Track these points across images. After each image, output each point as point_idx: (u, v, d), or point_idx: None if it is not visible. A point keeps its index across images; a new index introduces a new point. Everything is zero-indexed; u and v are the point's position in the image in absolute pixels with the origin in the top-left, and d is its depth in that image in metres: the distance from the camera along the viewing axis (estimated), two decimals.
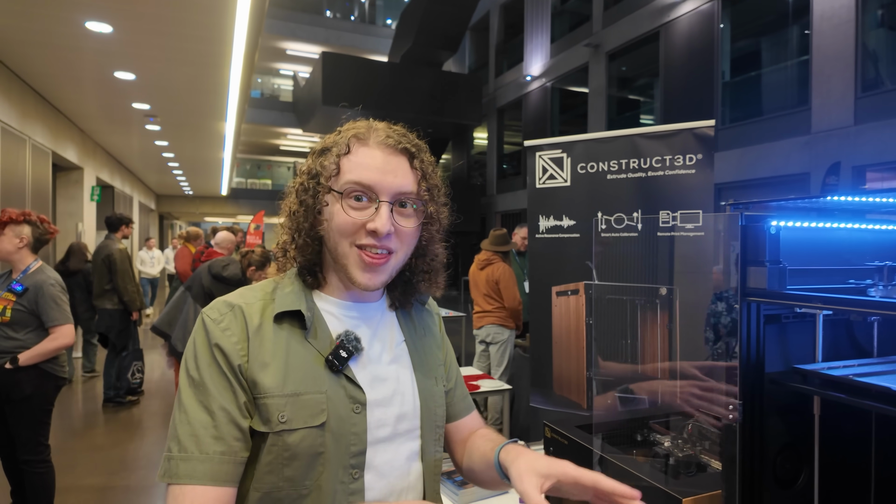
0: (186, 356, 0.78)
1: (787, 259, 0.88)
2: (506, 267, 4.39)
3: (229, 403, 0.75)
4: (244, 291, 0.84)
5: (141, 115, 7.75)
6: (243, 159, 24.31)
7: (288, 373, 0.77)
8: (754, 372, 0.88)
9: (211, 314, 0.79)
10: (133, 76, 6.03)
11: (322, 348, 0.80)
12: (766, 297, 0.82)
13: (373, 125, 0.84)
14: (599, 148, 2.49)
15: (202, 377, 0.76)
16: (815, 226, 0.91)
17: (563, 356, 2.66)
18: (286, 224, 0.85)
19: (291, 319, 0.80)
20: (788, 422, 0.93)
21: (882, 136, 6.95)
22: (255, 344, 0.77)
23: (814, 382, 0.86)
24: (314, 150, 0.85)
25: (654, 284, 2.07)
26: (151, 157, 11.64)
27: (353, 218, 0.78)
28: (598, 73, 12.04)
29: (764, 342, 0.90)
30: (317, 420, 0.76)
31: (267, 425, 0.75)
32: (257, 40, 5.52)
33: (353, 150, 0.81)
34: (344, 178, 0.79)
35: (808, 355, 0.95)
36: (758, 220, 0.88)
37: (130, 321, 5.23)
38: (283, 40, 18.48)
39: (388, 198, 0.79)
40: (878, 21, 7.44)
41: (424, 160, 0.85)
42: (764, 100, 8.93)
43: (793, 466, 0.94)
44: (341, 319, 0.84)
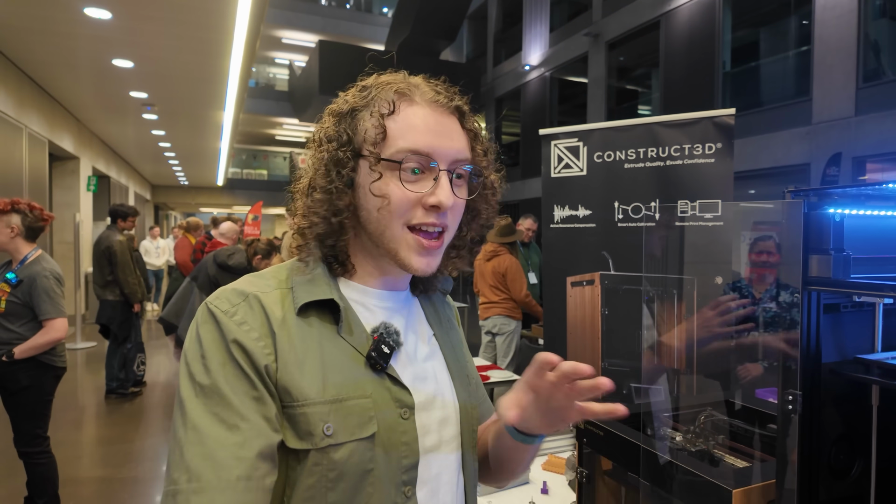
0: (188, 359, 0.64)
1: (847, 248, 0.87)
2: (512, 259, 4.38)
3: (254, 412, 0.60)
4: (253, 279, 0.70)
5: (138, 103, 7.65)
6: (239, 149, 24.11)
7: (326, 374, 0.64)
8: (813, 362, 0.87)
9: (220, 305, 0.65)
10: (131, 64, 5.94)
11: (359, 344, 0.68)
12: (832, 285, 0.80)
13: (411, 79, 0.72)
14: (617, 136, 2.47)
15: (215, 381, 0.61)
16: (877, 214, 0.90)
17: (577, 347, 2.65)
18: (311, 204, 0.69)
19: (319, 311, 0.68)
20: (843, 412, 0.92)
21: (882, 128, 6.95)
22: (282, 340, 0.64)
23: (875, 372, 0.85)
24: (336, 112, 0.71)
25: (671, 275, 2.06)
26: (148, 146, 11.52)
27: (413, 193, 0.66)
28: (598, 63, 11.98)
29: (822, 332, 0.89)
30: (366, 430, 0.64)
31: (308, 440, 0.62)
32: (259, 28, 5.45)
33: (399, 110, 0.68)
34: (394, 144, 0.66)
35: (863, 345, 0.93)
36: (818, 206, 0.86)
37: (132, 313, 5.19)
38: (279, 28, 18.27)
39: (446, 166, 0.68)
40: (879, 11, 7.42)
41: (474, 119, 0.75)
42: (764, 90, 8.92)
43: (847, 457, 0.93)
44: (373, 311, 0.72)
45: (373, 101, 0.69)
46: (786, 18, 8.66)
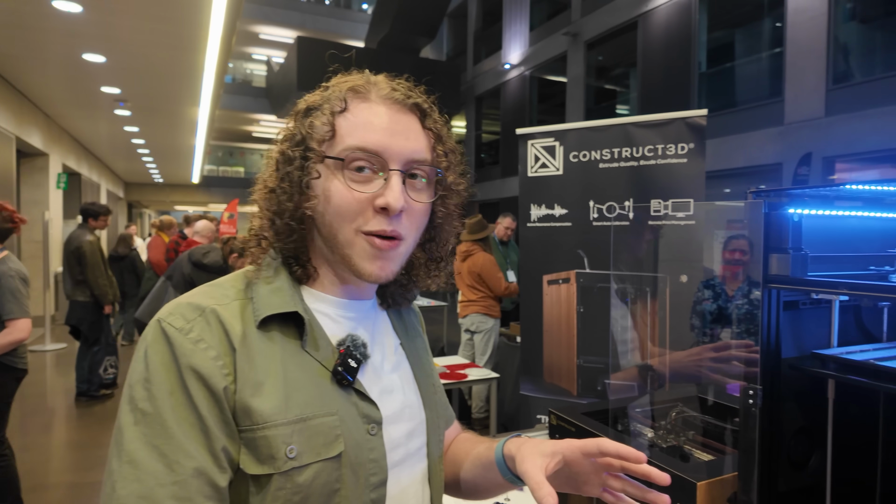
0: (131, 381, 0.58)
1: (806, 247, 0.89)
2: (486, 256, 4.40)
3: (201, 447, 0.56)
4: (209, 290, 0.65)
5: (111, 99, 7.48)
6: (215, 146, 23.74)
7: (289, 393, 0.60)
8: (773, 358, 0.89)
9: (173, 321, 0.59)
10: (103, 58, 5.81)
11: (324, 359, 0.64)
12: (790, 283, 0.83)
13: (370, 77, 0.69)
14: (592, 136, 2.50)
15: (159, 411, 0.56)
16: (833, 214, 0.92)
17: (553, 344, 2.68)
18: (263, 205, 0.67)
19: (281, 324, 0.64)
20: (802, 406, 0.95)
21: (851, 128, 7.15)
22: (241, 358, 0.59)
23: (831, 367, 0.88)
24: (297, 111, 0.68)
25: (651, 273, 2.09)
26: (120, 143, 11.27)
27: (359, 193, 0.63)
28: (577, 62, 12.08)
29: (781, 329, 0.91)
30: (332, 450, 0.61)
31: (270, 464, 0.58)
32: (235, 23, 5.37)
33: (351, 107, 0.65)
34: (342, 142, 0.63)
35: (821, 341, 0.96)
36: (778, 206, 0.89)
37: (102, 314, 5.07)
38: (257, 24, 18.03)
39: (399, 166, 0.64)
40: (849, 15, 7.62)
41: (437, 119, 0.71)
42: (739, 91, 9.10)
43: (805, 449, 0.96)
44: (338, 322, 0.69)
45: (328, 99, 0.66)
46: (759, 20, 8.84)
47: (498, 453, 0.73)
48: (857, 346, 0.90)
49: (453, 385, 3.39)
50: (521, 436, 0.76)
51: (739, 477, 0.95)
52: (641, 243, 1.79)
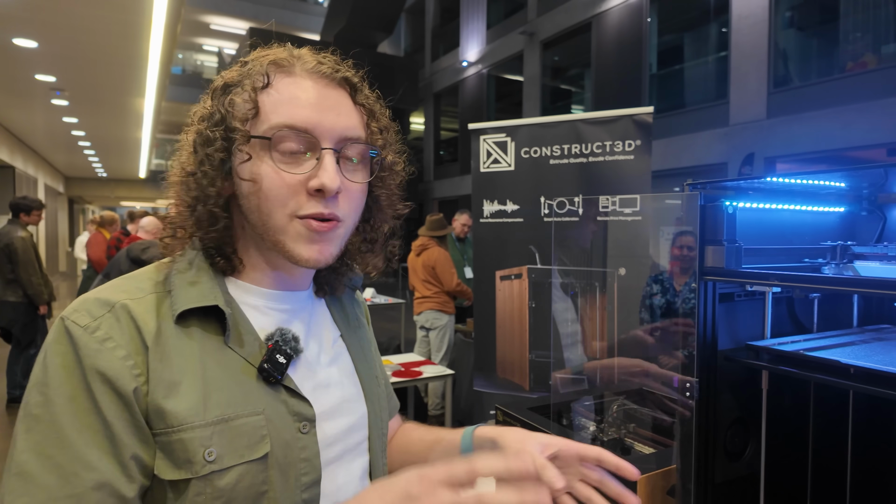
0: (33, 382, 0.53)
1: (740, 239, 0.90)
2: (441, 251, 4.39)
3: (104, 457, 0.52)
4: (122, 282, 0.60)
5: (46, 87, 7.06)
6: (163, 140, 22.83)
7: (208, 392, 0.56)
8: (710, 350, 0.90)
9: (78, 319, 0.54)
10: (35, 44, 5.46)
11: (250, 355, 0.60)
12: (725, 275, 0.83)
13: (294, 50, 0.64)
14: (543, 132, 2.51)
15: (55, 417, 0.51)
16: (766, 207, 0.94)
17: (506, 339, 2.68)
18: (180, 191, 0.62)
19: (201, 318, 0.59)
20: (737, 397, 0.96)
21: (790, 130, 7.50)
22: (154, 356, 0.55)
23: (764, 358, 0.89)
24: (213, 88, 0.63)
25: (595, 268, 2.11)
26: (59, 135, 10.67)
27: (290, 175, 0.59)
28: (533, 62, 12.22)
29: (717, 321, 0.92)
30: (257, 451, 0.57)
31: (187, 469, 0.54)
32: (180, 10, 5.15)
33: (275, 83, 0.60)
34: (267, 120, 0.59)
35: (755, 332, 0.98)
36: (714, 199, 0.89)
37: (37, 315, 4.78)
38: (207, 14, 17.41)
39: (332, 144, 0.60)
40: (787, 22, 7.99)
41: (368, 94, 0.66)
42: (687, 92, 9.40)
43: (741, 439, 0.97)
44: (268, 314, 0.65)
45: (248, 75, 0.61)
46: (706, 25, 9.16)
47: (466, 436, 0.73)
48: (789, 337, 0.91)
49: (409, 383, 3.35)
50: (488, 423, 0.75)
51: (678, 469, 0.96)
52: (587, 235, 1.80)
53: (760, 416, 0.93)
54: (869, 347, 0.87)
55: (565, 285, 1.66)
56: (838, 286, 0.72)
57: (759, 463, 0.95)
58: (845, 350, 0.86)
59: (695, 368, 0.88)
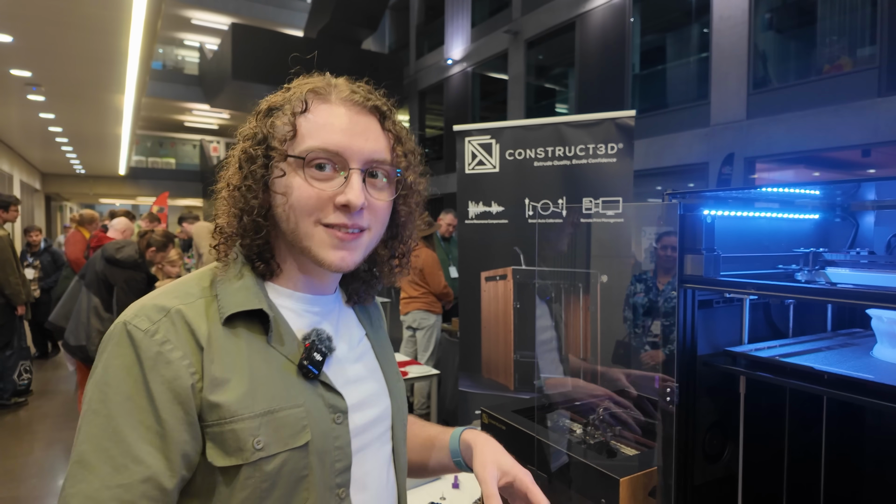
0: (94, 381, 0.60)
1: (718, 246, 0.92)
2: (429, 252, 4.39)
3: (152, 452, 0.58)
4: (174, 288, 0.67)
5: (21, 82, 6.90)
6: (143, 136, 22.45)
7: (255, 387, 0.63)
8: (689, 355, 0.92)
9: (139, 323, 0.61)
10: (9, 38, 5.33)
11: (290, 353, 0.67)
12: (704, 283, 0.85)
13: (331, 79, 0.71)
14: (527, 135, 2.52)
15: (112, 414, 0.58)
16: (743, 215, 0.96)
17: (491, 340, 2.70)
18: (229, 202, 0.69)
19: (247, 320, 0.66)
20: (716, 401, 0.98)
21: (769, 131, 7.64)
22: (207, 356, 0.62)
23: (742, 364, 0.91)
24: (258, 111, 0.70)
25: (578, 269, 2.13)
26: (35, 130, 10.44)
27: (319, 190, 0.65)
28: (518, 61, 12.25)
29: (697, 327, 0.94)
30: (299, 440, 0.64)
31: (239, 455, 0.61)
32: (160, 5, 5.06)
33: (312, 108, 0.67)
34: (304, 142, 0.66)
35: (733, 337, 1.00)
36: (693, 208, 0.91)
37: (14, 316, 4.68)
38: (188, 8, 17.13)
39: (359, 165, 0.67)
40: (767, 24, 8.12)
41: (397, 121, 0.73)
42: (670, 93, 9.51)
43: (719, 442, 1.00)
44: (303, 316, 0.72)
45: (289, 100, 0.68)
46: (688, 25, 9.27)
47: (454, 440, 0.82)
48: (766, 343, 0.94)
49: None
50: (478, 428, 0.85)
51: (658, 471, 0.98)
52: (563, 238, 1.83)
53: (738, 419, 0.95)
54: (840, 353, 0.89)
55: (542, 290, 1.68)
56: (813, 296, 0.74)
57: (737, 465, 0.97)
58: (819, 355, 0.89)
59: (674, 373, 0.90)
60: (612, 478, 1.04)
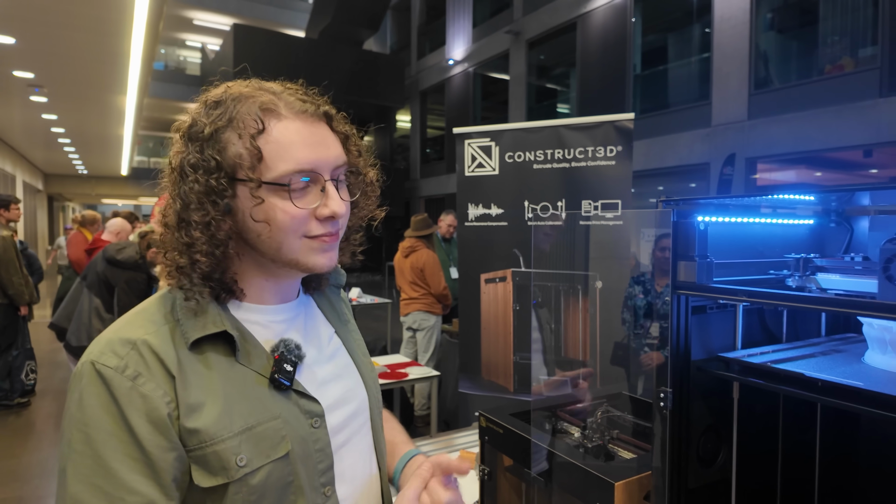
0: (71, 422, 0.60)
1: (712, 252, 0.93)
2: (430, 253, 4.40)
3: (145, 482, 0.59)
4: (134, 318, 0.66)
5: (24, 84, 6.93)
6: (146, 136, 22.49)
7: (230, 407, 0.63)
8: (682, 360, 0.93)
9: (107, 361, 0.60)
10: (12, 40, 5.36)
11: (260, 367, 0.67)
12: (696, 290, 0.86)
13: (266, 87, 0.69)
14: (527, 137, 2.53)
15: (98, 452, 0.58)
16: (737, 221, 0.97)
17: (491, 342, 2.71)
18: (190, 241, 0.64)
19: (212, 342, 0.65)
20: (710, 405, 0.99)
21: (770, 131, 7.63)
22: (180, 383, 0.62)
23: (734, 369, 0.92)
24: (195, 135, 0.65)
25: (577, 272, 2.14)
26: (38, 131, 10.48)
27: (305, 209, 0.66)
28: (519, 61, 12.26)
29: (690, 332, 0.95)
30: (280, 450, 0.65)
31: (224, 474, 0.62)
32: (162, 6, 5.09)
33: (269, 128, 0.64)
34: (276, 166, 0.64)
35: (727, 342, 1.01)
36: (686, 215, 0.92)
37: (18, 316, 4.71)
38: (190, 9, 17.18)
39: (328, 175, 0.67)
40: (768, 24, 8.12)
41: (340, 119, 0.73)
42: (671, 93, 9.51)
43: (713, 446, 1.01)
44: (269, 327, 0.72)
45: (236, 119, 0.65)
46: (689, 26, 9.26)
47: (400, 466, 0.85)
48: (759, 349, 0.95)
49: (395, 384, 3.37)
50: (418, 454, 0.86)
51: (653, 475, 0.99)
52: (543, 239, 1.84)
53: (732, 424, 0.96)
54: (833, 358, 0.90)
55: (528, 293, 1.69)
56: (804, 304, 0.75)
57: (730, 469, 0.98)
58: (812, 361, 0.90)
59: (668, 378, 0.91)
60: (607, 481, 1.05)
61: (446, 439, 2.35)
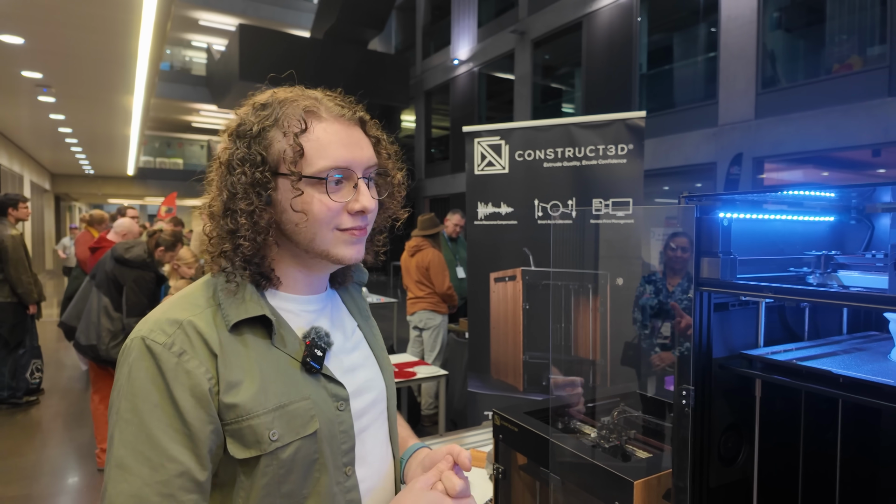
0: (120, 392, 0.66)
1: (735, 249, 0.92)
2: (435, 252, 4.39)
3: (183, 451, 0.64)
4: (180, 301, 0.73)
5: (32, 84, 6.96)
6: (151, 136, 22.58)
7: (266, 386, 0.69)
8: (705, 358, 0.92)
9: (157, 338, 0.67)
10: (21, 40, 5.38)
11: (293, 352, 0.74)
12: (720, 286, 0.85)
13: (308, 93, 0.77)
14: (537, 136, 2.52)
15: (144, 421, 0.64)
16: (758, 217, 0.96)
17: (500, 341, 2.70)
18: (235, 228, 0.71)
19: (251, 326, 0.72)
20: (731, 403, 0.98)
21: (778, 130, 7.59)
22: (222, 362, 0.67)
23: (758, 367, 0.91)
24: (243, 133, 0.73)
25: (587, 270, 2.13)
26: (45, 131, 10.53)
27: (338, 203, 0.73)
28: (524, 61, 12.24)
29: (712, 330, 0.94)
30: (308, 429, 0.71)
31: (257, 447, 0.67)
32: (169, 7, 5.10)
33: (311, 127, 0.72)
34: (315, 161, 0.71)
35: (749, 340, 1.00)
36: (709, 211, 0.91)
37: (26, 315, 4.73)
38: (196, 10, 17.22)
39: (361, 173, 0.75)
40: (775, 23, 8.07)
41: (372, 125, 0.81)
42: (677, 92, 9.47)
43: (734, 445, 1.00)
44: (301, 315, 0.78)
45: (281, 120, 0.72)
46: (696, 25, 9.22)
47: (406, 455, 0.90)
48: (782, 346, 0.94)
49: (403, 384, 3.36)
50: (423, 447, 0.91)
51: (673, 474, 0.98)
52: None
53: (753, 422, 0.95)
54: (857, 356, 0.89)
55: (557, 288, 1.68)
56: (832, 300, 0.74)
57: (752, 468, 0.97)
58: (836, 359, 0.88)
59: (690, 376, 0.90)
60: (625, 480, 1.04)
61: (456, 438, 2.35)
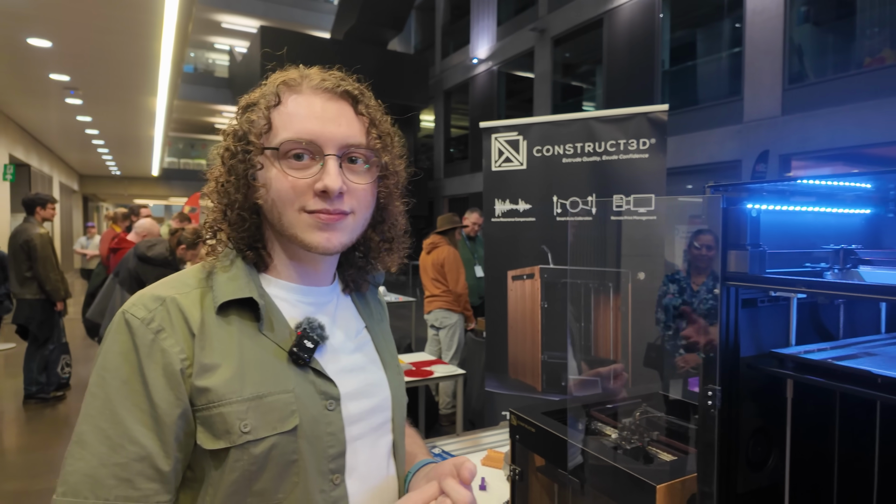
0: (96, 366, 0.63)
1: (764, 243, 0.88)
2: (451, 250, 4.37)
3: (147, 434, 0.60)
4: (172, 280, 0.70)
5: (60, 86, 7.13)
6: (175, 138, 22.99)
7: (245, 373, 0.64)
8: (732, 357, 0.87)
9: (136, 312, 0.64)
10: (49, 43, 5.51)
11: (281, 340, 0.68)
12: (749, 281, 0.81)
13: (304, 70, 0.73)
14: (555, 131, 2.48)
15: (109, 397, 0.61)
16: (788, 209, 0.91)
17: (518, 340, 2.66)
18: (215, 199, 0.71)
19: (239, 309, 0.68)
20: (760, 405, 0.94)
21: (805, 127, 7.39)
22: (199, 343, 0.64)
23: (789, 366, 0.86)
24: (239, 108, 0.73)
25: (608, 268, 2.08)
26: (73, 133, 10.79)
27: (295, 179, 0.67)
28: (544, 58, 12.14)
29: (739, 327, 0.89)
30: (287, 424, 0.65)
31: (226, 438, 0.62)
32: (191, 9, 5.17)
33: (285, 100, 0.69)
34: (278, 134, 0.68)
35: (779, 338, 0.95)
36: (737, 202, 0.87)
37: (54, 312, 4.84)
38: (218, 12, 17.48)
39: (335, 151, 0.68)
40: (803, 17, 7.86)
41: (370, 104, 0.74)
42: (701, 89, 9.29)
43: (763, 449, 0.95)
44: (296, 306, 0.73)
45: (264, 95, 0.71)
46: (720, 21, 9.03)
47: (411, 473, 0.81)
48: (815, 345, 0.89)
49: (420, 382, 3.34)
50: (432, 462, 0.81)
51: (698, 478, 0.94)
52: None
53: (784, 425, 0.90)
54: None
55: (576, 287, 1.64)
56: (871, 294, 0.69)
57: (782, 474, 0.92)
58: (873, 359, 0.83)
59: (716, 376, 0.86)
60: (648, 484, 1.00)
61: (473, 438, 2.32)
